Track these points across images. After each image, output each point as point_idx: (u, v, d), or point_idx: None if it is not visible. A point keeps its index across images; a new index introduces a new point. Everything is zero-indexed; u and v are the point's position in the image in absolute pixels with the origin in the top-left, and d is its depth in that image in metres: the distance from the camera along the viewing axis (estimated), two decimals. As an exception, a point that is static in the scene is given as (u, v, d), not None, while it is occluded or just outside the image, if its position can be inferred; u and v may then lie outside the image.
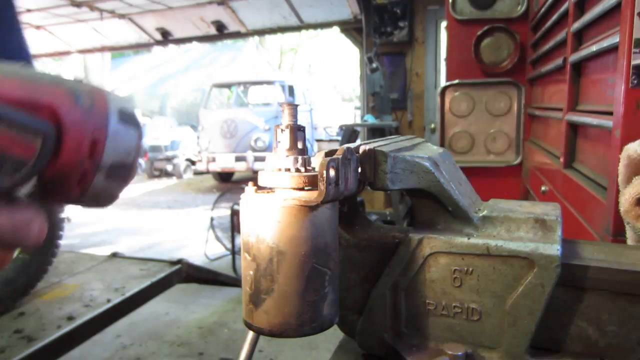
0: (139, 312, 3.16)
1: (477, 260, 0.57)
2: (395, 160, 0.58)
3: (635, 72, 1.15)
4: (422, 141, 0.73)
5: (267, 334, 0.52)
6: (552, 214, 0.57)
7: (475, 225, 0.58)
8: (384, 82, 5.19)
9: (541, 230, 0.56)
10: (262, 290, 0.51)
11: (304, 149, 0.54)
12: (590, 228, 1.43)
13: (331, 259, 0.54)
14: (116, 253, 3.61)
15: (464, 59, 3.08)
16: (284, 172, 0.52)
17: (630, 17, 1.14)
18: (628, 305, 0.55)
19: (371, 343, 0.64)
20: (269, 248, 0.51)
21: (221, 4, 6.36)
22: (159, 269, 3.16)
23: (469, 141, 3.12)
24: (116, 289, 2.91)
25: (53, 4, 6.33)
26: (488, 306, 0.57)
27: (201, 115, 10.66)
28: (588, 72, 1.72)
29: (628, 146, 0.98)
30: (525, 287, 0.55)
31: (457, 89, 3.09)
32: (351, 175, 0.54)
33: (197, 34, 7.25)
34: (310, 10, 6.38)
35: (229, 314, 3.81)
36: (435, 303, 0.60)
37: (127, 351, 3.23)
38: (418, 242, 0.59)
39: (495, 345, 0.57)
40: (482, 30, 3.02)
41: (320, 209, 0.51)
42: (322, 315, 0.53)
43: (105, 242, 6.12)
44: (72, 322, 2.41)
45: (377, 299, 0.62)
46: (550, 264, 0.53)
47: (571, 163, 1.84)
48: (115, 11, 6.74)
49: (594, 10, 1.52)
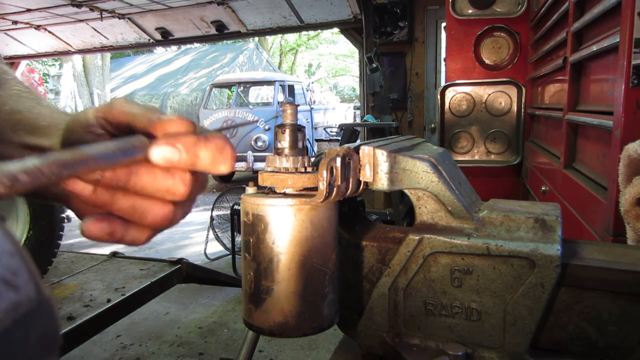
0: (139, 312, 3.16)
1: (477, 260, 0.57)
2: (395, 160, 0.58)
3: (635, 72, 1.15)
4: (422, 141, 0.73)
5: (267, 334, 0.52)
6: (552, 214, 0.57)
7: (475, 225, 0.58)
8: (384, 82, 5.19)
9: (541, 230, 0.56)
10: (262, 290, 0.51)
11: (304, 148, 0.54)
12: (591, 228, 1.43)
13: (331, 258, 0.53)
14: (116, 253, 3.60)
15: (464, 59, 3.09)
16: (284, 172, 0.52)
17: (630, 17, 1.14)
18: (628, 305, 0.55)
19: (371, 343, 0.64)
20: (269, 248, 0.51)
21: (221, 4, 6.36)
22: (159, 269, 3.16)
23: (469, 141, 3.12)
24: (116, 289, 2.91)
25: (53, 4, 6.32)
26: (488, 306, 0.57)
27: (201, 115, 10.66)
28: (588, 72, 1.72)
29: (628, 146, 0.98)
30: (525, 287, 0.55)
31: (457, 89, 3.09)
32: (351, 175, 0.54)
33: (197, 34, 7.24)
34: (310, 10, 6.37)
35: (229, 314, 3.81)
36: (435, 303, 0.60)
37: (127, 351, 3.23)
38: (418, 242, 0.59)
39: (495, 345, 0.57)
40: (482, 30, 3.02)
41: (320, 209, 0.51)
42: (322, 315, 0.53)
43: (105, 242, 6.11)
44: (72, 322, 2.41)
45: (377, 299, 0.62)
46: (550, 264, 0.53)
47: (571, 163, 1.84)
48: (115, 11, 6.73)
49: (594, 10, 1.52)
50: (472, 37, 3.04)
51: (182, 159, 0.41)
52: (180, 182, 0.44)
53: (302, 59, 27.69)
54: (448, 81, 3.14)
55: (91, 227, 0.44)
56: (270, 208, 0.50)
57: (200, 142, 0.42)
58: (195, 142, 0.42)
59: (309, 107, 11.45)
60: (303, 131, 0.55)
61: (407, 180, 0.58)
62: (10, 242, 0.26)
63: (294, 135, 0.53)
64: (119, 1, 6.28)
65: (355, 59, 20.50)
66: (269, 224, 0.50)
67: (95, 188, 0.43)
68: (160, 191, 0.44)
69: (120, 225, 0.46)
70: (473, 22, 3.04)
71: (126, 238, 0.47)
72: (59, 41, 7.90)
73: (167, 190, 0.44)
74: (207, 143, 0.43)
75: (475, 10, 3.03)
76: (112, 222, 0.45)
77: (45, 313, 0.26)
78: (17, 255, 0.26)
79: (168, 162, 0.41)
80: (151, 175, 0.43)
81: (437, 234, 0.58)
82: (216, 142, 0.43)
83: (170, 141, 0.41)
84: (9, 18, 6.83)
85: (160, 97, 16.64)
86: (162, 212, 0.46)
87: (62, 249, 3.56)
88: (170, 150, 0.41)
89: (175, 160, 0.41)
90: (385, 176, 0.57)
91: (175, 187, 0.44)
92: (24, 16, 6.83)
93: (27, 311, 0.25)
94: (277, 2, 6.19)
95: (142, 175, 0.43)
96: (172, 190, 0.44)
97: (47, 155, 0.34)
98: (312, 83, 13.16)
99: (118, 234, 0.46)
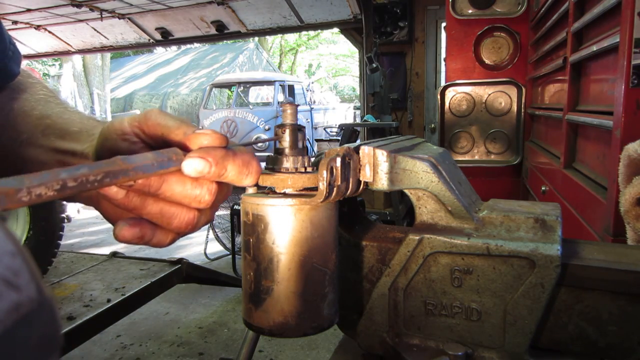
0: (139, 312, 3.16)
1: (477, 260, 0.57)
2: (395, 160, 0.58)
3: (635, 72, 1.15)
4: (422, 141, 0.73)
5: (267, 334, 0.52)
6: (552, 214, 0.57)
7: (475, 225, 0.58)
8: (384, 82, 5.19)
9: (541, 230, 0.56)
10: (262, 289, 0.51)
11: (304, 148, 0.54)
12: (591, 228, 1.43)
13: (331, 258, 0.53)
14: (116, 253, 3.60)
15: (464, 59, 3.09)
16: (284, 172, 0.52)
17: (630, 17, 1.14)
18: (628, 305, 0.55)
19: (371, 343, 0.64)
20: (269, 248, 0.51)
21: (221, 4, 6.36)
22: (159, 269, 3.16)
23: (469, 141, 3.12)
24: (116, 289, 2.91)
25: (53, 4, 6.32)
26: (488, 306, 0.57)
27: (201, 115, 10.65)
28: (588, 72, 1.72)
29: (628, 146, 0.98)
30: (525, 287, 0.55)
31: (457, 89, 3.09)
32: (351, 175, 0.54)
33: (197, 34, 7.24)
34: (310, 10, 6.37)
35: (229, 314, 3.81)
36: (435, 303, 0.60)
37: (127, 351, 3.23)
38: (418, 242, 0.59)
39: (495, 345, 0.57)
40: (482, 30, 3.02)
41: (320, 209, 0.51)
42: (322, 315, 0.53)
43: (105, 242, 6.12)
44: (72, 322, 2.41)
45: (377, 299, 0.62)
46: (550, 264, 0.53)
47: (571, 163, 1.84)
48: (115, 11, 6.73)
49: (594, 10, 1.52)
50: (472, 37, 3.04)
51: (211, 172, 0.44)
52: (207, 192, 0.47)
53: (302, 59, 27.69)
54: (448, 81, 3.14)
55: (125, 232, 0.47)
56: (270, 208, 0.50)
57: (229, 156, 0.45)
58: (225, 156, 0.45)
59: (309, 107, 11.44)
60: (303, 131, 0.55)
61: (407, 180, 0.58)
62: (11, 242, 0.26)
63: (294, 135, 0.53)
64: (119, 1, 6.28)
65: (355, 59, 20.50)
66: (269, 223, 0.50)
67: (127, 193, 0.46)
68: (187, 198, 0.47)
69: (149, 229, 0.49)
70: (473, 22, 3.04)
71: (153, 241, 0.50)
72: (59, 41, 7.90)
73: (194, 198, 0.47)
74: (235, 158, 0.46)
75: (475, 10, 3.03)
76: (142, 227, 0.48)
77: (47, 313, 0.26)
78: (18, 255, 0.26)
79: (199, 174, 0.44)
80: (181, 184, 0.46)
81: (437, 234, 0.58)
82: (243, 157, 0.47)
83: (202, 154, 0.44)
84: (9, 18, 6.83)
85: (160, 97, 16.64)
86: (187, 218, 0.49)
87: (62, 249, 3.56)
88: (202, 164, 0.43)
89: (205, 173, 0.44)
90: (385, 176, 0.57)
91: (202, 196, 0.47)
92: (24, 16, 6.83)
93: (28, 311, 0.25)
94: (277, 2, 6.19)
95: (173, 183, 0.46)
96: (198, 198, 0.47)
97: (93, 164, 0.38)
98: (312, 83, 13.17)
99: (147, 237, 0.49)
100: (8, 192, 0.31)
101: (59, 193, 0.35)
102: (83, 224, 7.09)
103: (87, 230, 6.91)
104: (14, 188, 0.32)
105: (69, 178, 0.35)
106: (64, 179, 0.35)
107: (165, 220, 0.49)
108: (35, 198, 0.33)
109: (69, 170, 0.36)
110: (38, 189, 0.33)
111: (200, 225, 0.51)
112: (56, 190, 0.34)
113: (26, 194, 0.32)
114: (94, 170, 0.37)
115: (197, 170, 0.43)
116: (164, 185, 0.46)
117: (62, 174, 0.35)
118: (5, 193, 0.31)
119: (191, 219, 0.49)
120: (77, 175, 0.36)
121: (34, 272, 0.26)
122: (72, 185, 0.36)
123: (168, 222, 0.49)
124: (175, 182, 0.46)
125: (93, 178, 0.37)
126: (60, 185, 0.35)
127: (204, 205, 0.48)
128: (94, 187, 0.38)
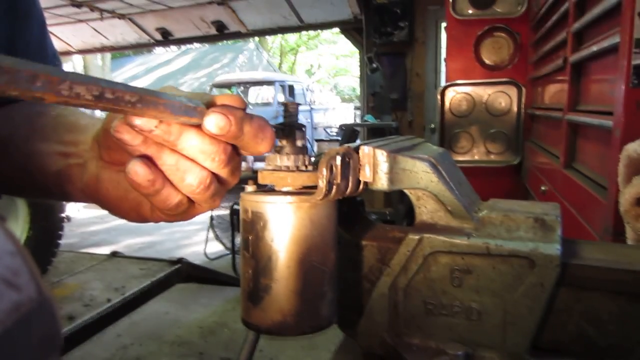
0: (139, 312, 3.16)
1: (477, 260, 0.57)
2: (395, 160, 0.58)
3: (635, 72, 1.15)
4: (422, 141, 0.73)
5: (264, 333, 0.52)
6: (552, 214, 0.57)
7: (475, 225, 0.58)
8: (384, 82, 5.19)
9: (541, 230, 0.56)
10: (260, 288, 0.51)
11: (304, 148, 0.54)
12: (590, 228, 1.43)
13: (330, 257, 0.53)
14: (116, 253, 3.61)
15: (464, 59, 3.08)
16: (284, 171, 0.52)
17: (630, 17, 1.14)
18: (628, 305, 0.55)
19: (371, 343, 0.64)
20: (267, 245, 0.50)
21: (221, 4, 6.36)
22: (159, 269, 3.17)
23: (468, 141, 3.12)
24: (116, 288, 2.91)
25: (53, 4, 6.33)
26: (488, 306, 0.57)
27: (201, 115, 10.64)
28: (588, 72, 1.72)
29: (628, 146, 0.98)
30: (525, 287, 0.55)
31: (457, 89, 3.09)
32: (351, 174, 0.54)
33: (197, 34, 7.25)
34: (310, 10, 6.37)
35: (229, 313, 3.81)
36: (435, 303, 0.60)
37: (127, 351, 3.23)
38: (418, 242, 0.59)
39: (495, 345, 0.57)
40: (482, 30, 3.02)
41: (319, 208, 0.51)
42: (321, 315, 0.53)
43: (105, 241, 6.11)
44: (72, 321, 2.41)
45: (377, 298, 0.62)
46: (550, 264, 0.53)
47: (571, 163, 1.84)
48: (115, 11, 6.74)
49: (594, 11, 1.52)
50: (472, 38, 3.04)
51: (231, 130, 0.45)
52: (222, 151, 0.48)
53: (302, 59, 27.69)
54: (448, 81, 3.14)
55: (138, 168, 0.46)
56: (270, 205, 0.50)
57: (247, 118, 0.47)
58: (243, 117, 0.46)
59: (309, 107, 11.45)
60: (303, 130, 0.55)
61: (407, 180, 0.58)
62: (11, 241, 0.26)
63: (294, 134, 0.53)
64: (119, 1, 6.28)
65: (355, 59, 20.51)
66: (268, 221, 0.50)
67: (145, 139, 0.46)
68: (203, 154, 0.47)
69: (161, 177, 0.48)
70: (473, 23, 3.04)
71: (162, 193, 0.49)
72: (59, 41, 7.89)
73: (209, 154, 0.47)
74: (252, 121, 0.47)
75: (475, 10, 3.03)
76: (156, 171, 0.47)
77: (47, 313, 0.26)
78: (18, 255, 0.26)
79: (220, 130, 0.45)
80: (199, 139, 0.46)
81: (437, 233, 0.58)
82: (259, 121, 0.48)
83: (225, 112, 0.45)
84: (9, 18, 6.82)
85: (161, 97, 16.63)
86: (200, 177, 0.48)
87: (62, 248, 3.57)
88: (223, 120, 0.44)
89: (225, 131, 0.45)
90: (385, 176, 0.57)
91: (217, 153, 0.47)
92: (24, 16, 6.82)
93: (28, 311, 0.25)
94: (277, 2, 6.19)
95: (191, 137, 0.46)
96: (213, 155, 0.47)
97: (129, 85, 0.39)
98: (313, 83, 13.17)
99: (157, 185, 0.48)
100: (52, 80, 0.32)
101: (95, 101, 0.35)
102: (83, 224, 7.09)
103: (87, 230, 6.91)
104: (57, 77, 0.32)
105: (108, 88, 0.36)
106: (104, 87, 0.35)
107: (179, 175, 0.48)
108: (73, 96, 0.34)
109: (109, 82, 0.36)
110: (79, 88, 0.33)
111: (208, 197, 0.51)
112: (94, 96, 0.35)
113: (68, 88, 0.33)
114: (131, 91, 0.38)
115: (219, 127, 0.44)
116: (183, 136, 0.46)
117: (103, 83, 0.35)
118: (49, 80, 0.32)
119: (204, 178, 0.48)
120: (116, 89, 0.37)
121: (34, 272, 0.26)
122: (109, 97, 0.36)
123: (181, 178, 0.48)
124: (194, 136, 0.46)
125: (128, 98, 0.38)
126: (99, 92, 0.35)
127: (217, 164, 0.48)
128: (126, 109, 0.38)
